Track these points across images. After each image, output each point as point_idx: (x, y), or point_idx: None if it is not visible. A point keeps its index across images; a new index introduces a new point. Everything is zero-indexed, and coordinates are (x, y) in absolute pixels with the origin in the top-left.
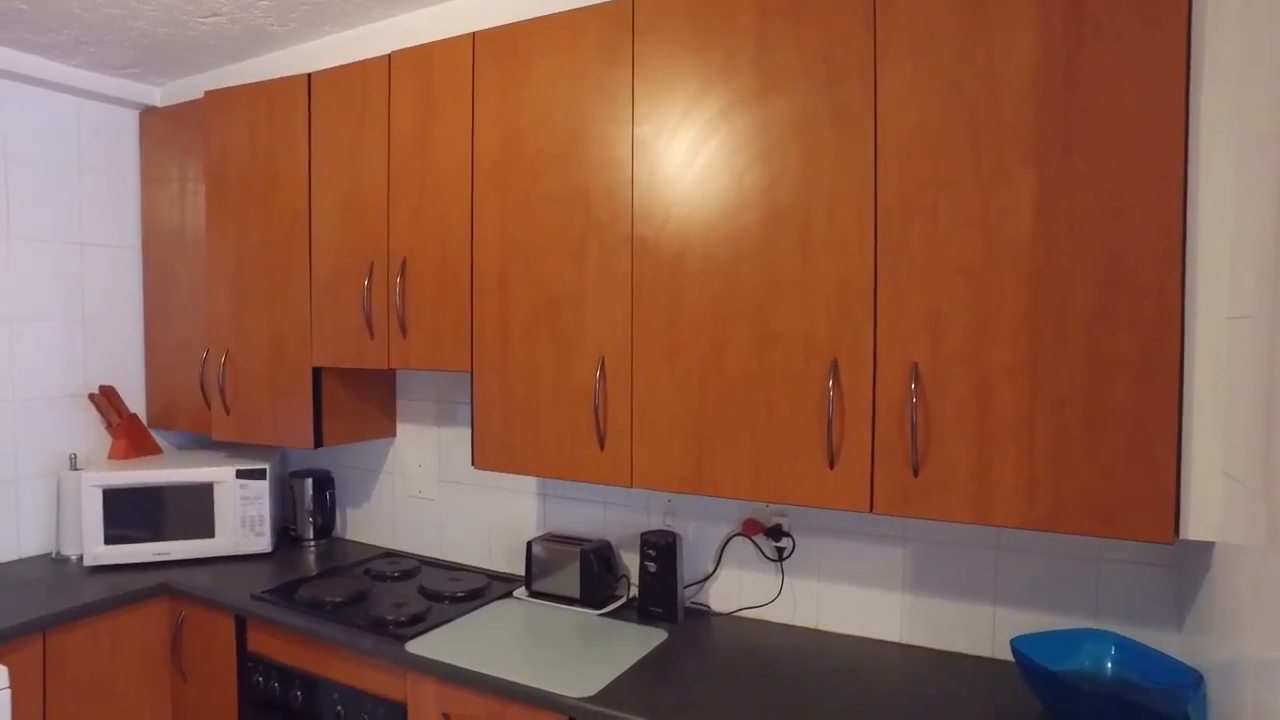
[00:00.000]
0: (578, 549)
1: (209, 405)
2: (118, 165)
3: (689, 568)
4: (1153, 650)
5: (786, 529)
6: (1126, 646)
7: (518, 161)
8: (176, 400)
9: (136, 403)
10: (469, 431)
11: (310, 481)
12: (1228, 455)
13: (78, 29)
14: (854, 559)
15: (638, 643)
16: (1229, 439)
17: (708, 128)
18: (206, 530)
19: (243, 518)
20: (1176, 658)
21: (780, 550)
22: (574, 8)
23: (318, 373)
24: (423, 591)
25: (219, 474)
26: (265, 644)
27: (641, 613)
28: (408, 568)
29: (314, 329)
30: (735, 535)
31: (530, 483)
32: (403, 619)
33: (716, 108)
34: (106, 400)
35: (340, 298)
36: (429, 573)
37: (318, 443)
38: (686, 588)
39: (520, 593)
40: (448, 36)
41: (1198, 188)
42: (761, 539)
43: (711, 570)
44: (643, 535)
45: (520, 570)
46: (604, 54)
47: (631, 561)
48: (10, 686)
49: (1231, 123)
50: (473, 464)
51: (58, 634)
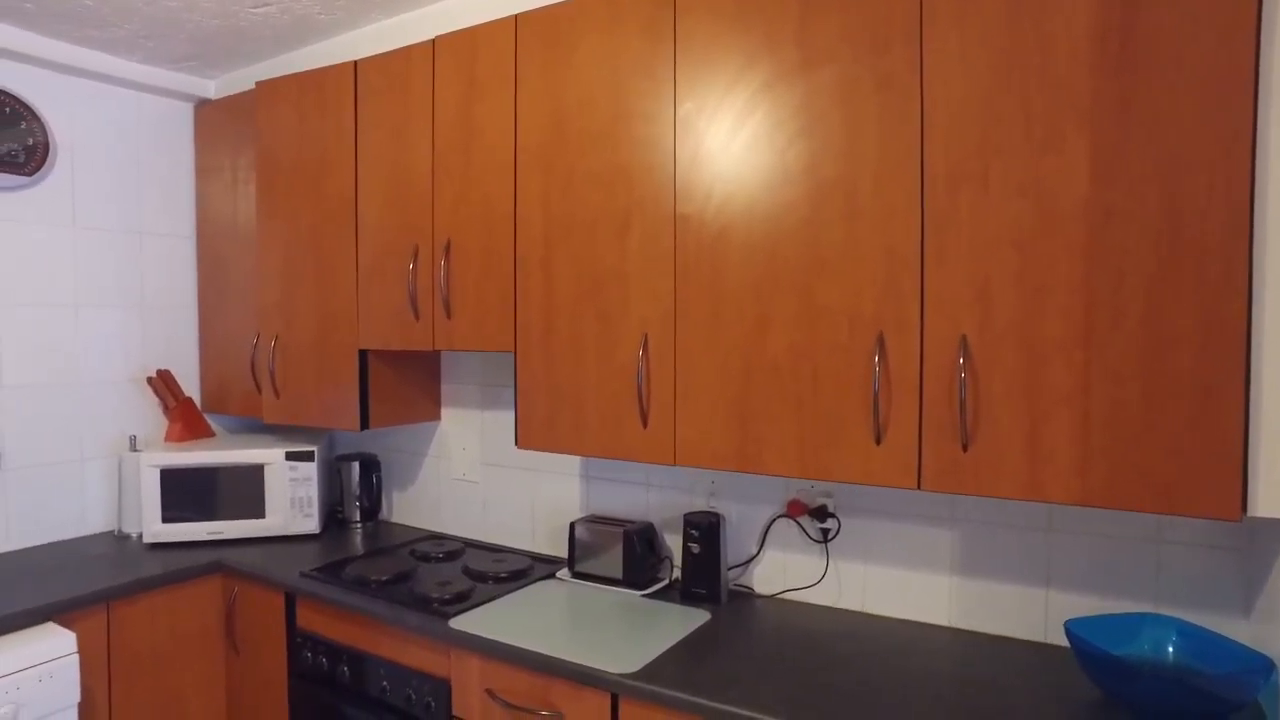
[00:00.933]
0: (620, 530)
1: (259, 389)
2: (174, 157)
3: (732, 550)
4: (1218, 636)
5: (832, 510)
6: (1190, 632)
7: (561, 141)
8: (229, 384)
9: (191, 387)
10: (512, 414)
11: (357, 464)
12: None
13: (137, 23)
14: (901, 541)
15: (680, 623)
16: None
17: (750, 103)
18: (257, 511)
19: (292, 499)
20: (1245, 644)
21: (825, 532)
22: None
23: (364, 356)
24: (467, 572)
25: (269, 456)
26: (313, 620)
27: (684, 594)
28: (452, 549)
29: (360, 312)
30: (779, 517)
31: (573, 465)
32: (447, 597)
33: (759, 83)
34: (163, 384)
35: (386, 281)
36: (473, 554)
37: (364, 424)
38: (730, 570)
39: (563, 573)
40: (490, 19)
41: (1268, 148)
42: (806, 520)
43: (755, 552)
44: (686, 516)
45: (563, 552)
46: (646, 32)
47: (674, 544)
48: (78, 652)
49: None
50: (516, 444)
51: (120, 606)
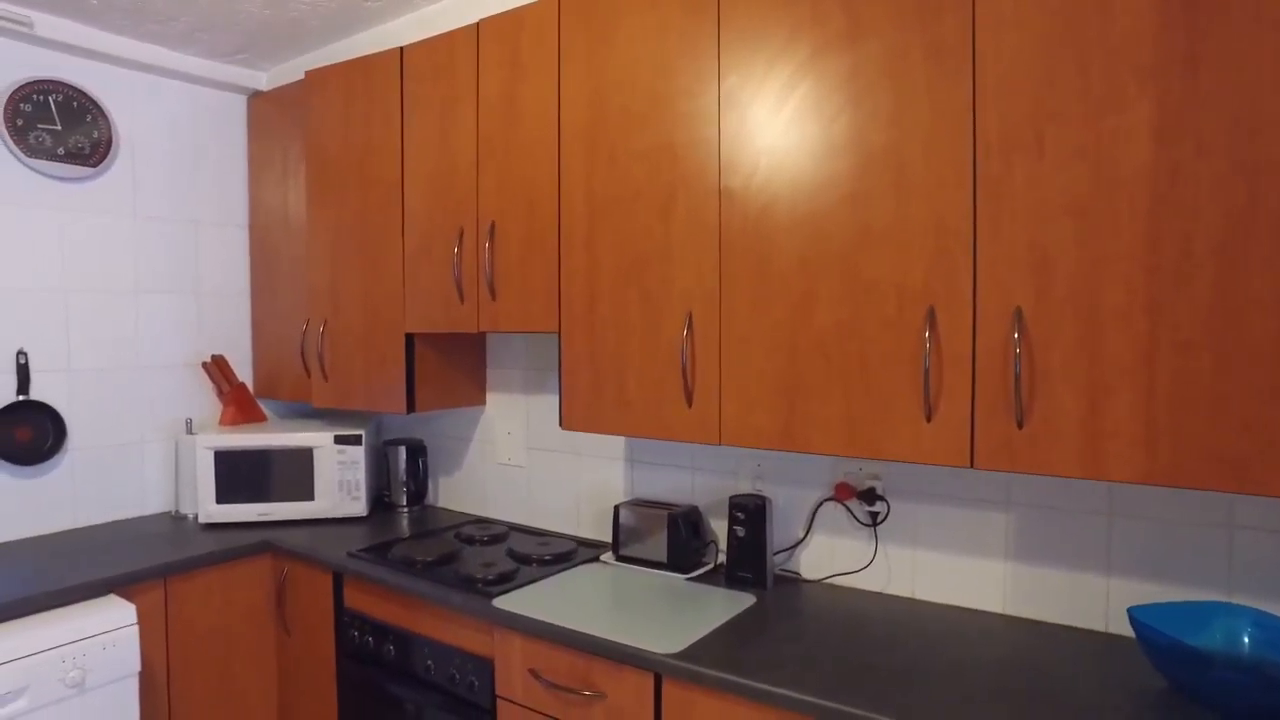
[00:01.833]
0: (665, 513)
1: (309, 374)
2: (228, 148)
3: (778, 534)
4: None
5: (880, 493)
6: (1268, 623)
7: (604, 119)
8: (280, 369)
9: (244, 373)
10: (557, 398)
11: (404, 449)
12: None
13: (193, 16)
14: (953, 525)
15: (725, 606)
16: None
17: (795, 75)
18: (306, 493)
19: (340, 482)
20: None
21: (874, 515)
22: None
23: (410, 340)
24: (511, 554)
25: (318, 439)
26: (360, 600)
27: (729, 578)
28: (496, 532)
29: (406, 296)
30: (827, 500)
31: (618, 449)
32: (491, 577)
33: (804, 54)
34: (218, 369)
35: (431, 264)
36: (517, 538)
37: (410, 407)
38: (776, 554)
39: (607, 557)
40: (534, 1)
41: None
42: (854, 504)
43: (802, 536)
44: (731, 498)
45: (608, 537)
46: (688, 8)
47: (720, 528)
48: (138, 623)
49: None
50: (560, 425)
51: (176, 581)
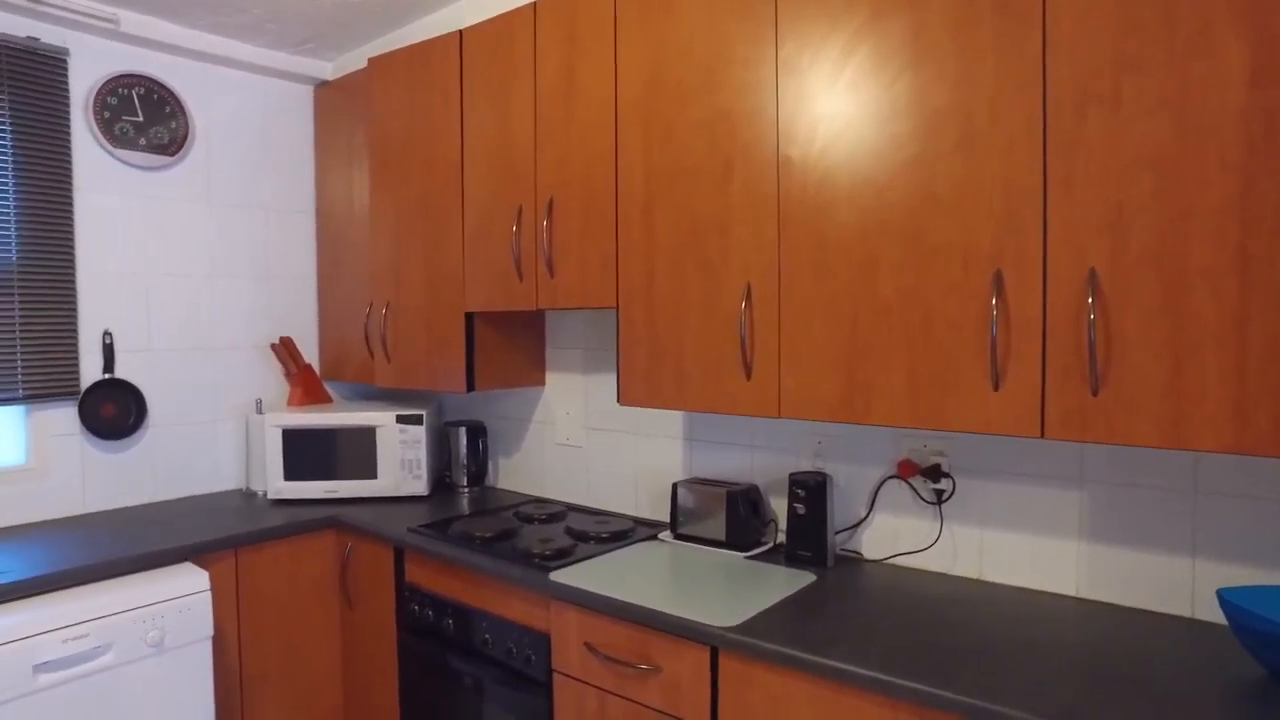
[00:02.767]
0: (724, 491)
1: (372, 355)
2: (295, 137)
3: (839, 513)
4: None
5: (946, 469)
6: None
7: (661, 92)
8: (345, 352)
9: (310, 356)
10: (615, 378)
11: (464, 430)
12: None
13: (263, 7)
14: (1023, 503)
15: (784, 583)
16: None
17: (854, 38)
18: (369, 471)
19: (402, 461)
20: None
21: (939, 493)
22: None
23: (470, 319)
24: (569, 531)
25: (381, 419)
26: (421, 575)
27: (789, 556)
28: (554, 511)
29: (466, 275)
30: (889, 478)
31: (676, 428)
32: (548, 553)
33: (863, 16)
34: (285, 350)
35: (491, 243)
36: (575, 516)
37: (470, 386)
38: (837, 533)
39: (665, 535)
40: None
41: None
42: (918, 481)
43: (864, 515)
44: (791, 475)
45: (666, 517)
46: None
47: (779, 507)
48: (211, 590)
49: None
50: (618, 400)
51: (246, 552)
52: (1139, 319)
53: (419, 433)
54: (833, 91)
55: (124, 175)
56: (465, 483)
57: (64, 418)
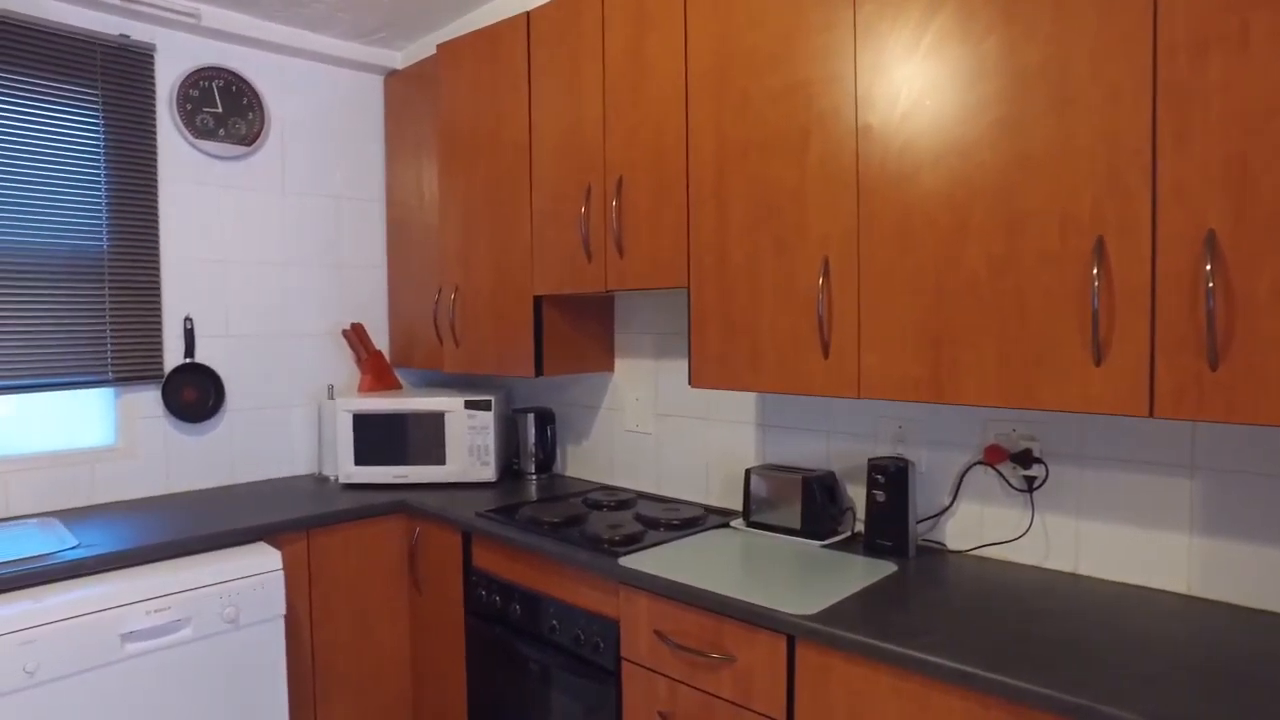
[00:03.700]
0: (799, 477)
1: (440, 341)
2: (366, 126)
3: (921, 501)
4: None
5: (1037, 454)
6: None
7: (733, 62)
8: (414, 338)
9: (380, 343)
10: (685, 363)
11: (532, 417)
12: None
13: None
14: (1125, 491)
15: (864, 573)
16: None
17: None
18: (438, 457)
19: (470, 447)
20: None
21: (1030, 480)
22: None
23: (539, 303)
24: (638, 518)
25: (449, 404)
26: (488, 560)
27: (868, 546)
28: (624, 498)
29: (534, 258)
30: (976, 464)
31: (748, 413)
32: (617, 538)
33: None
34: (356, 336)
35: (559, 224)
36: (645, 504)
37: (538, 371)
38: (919, 522)
39: (738, 523)
40: None
41: None
42: (1007, 467)
43: (948, 504)
44: (871, 460)
45: (738, 505)
46: None
47: (857, 495)
48: (283, 569)
49: None
50: (689, 383)
51: (318, 534)
52: (1270, 284)
53: (487, 419)
54: (915, 54)
55: (204, 165)
56: (533, 470)
57: (149, 401)
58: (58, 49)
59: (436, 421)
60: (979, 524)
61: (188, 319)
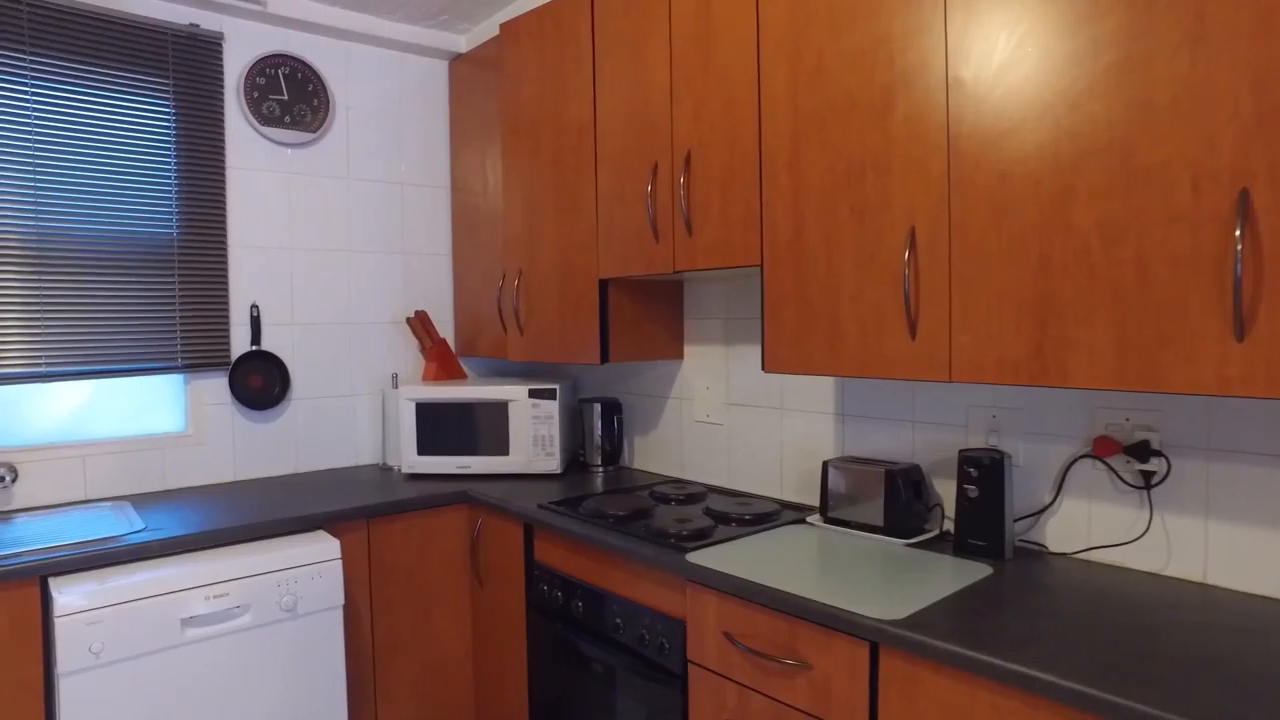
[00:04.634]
0: (882, 470)
1: (505, 329)
2: (430, 111)
3: (1019, 497)
4: None
5: (1156, 447)
6: None
7: (808, 21)
8: (479, 327)
9: (445, 332)
10: (758, 349)
11: (599, 407)
12: None
13: None
14: (1266, 489)
15: (955, 576)
16: None
17: None
18: (502, 448)
19: (534, 437)
20: None
21: (1147, 476)
22: None
23: (604, 287)
24: (708, 512)
25: (513, 393)
26: (550, 554)
27: (959, 545)
28: (693, 492)
29: (600, 240)
30: (1082, 457)
31: (826, 402)
32: (685, 533)
33: None
34: (420, 324)
35: (625, 203)
36: (715, 498)
37: (604, 358)
38: (1016, 520)
39: (814, 519)
40: None
41: None
42: (1120, 461)
43: (1049, 501)
44: (962, 452)
45: (815, 500)
46: None
47: (945, 490)
48: (341, 558)
49: None
50: (763, 367)
51: (378, 523)
52: None
53: (552, 408)
54: None
55: (270, 152)
56: (599, 462)
57: (216, 388)
58: (132, 40)
59: (500, 411)
60: (1085, 524)
61: (254, 306)
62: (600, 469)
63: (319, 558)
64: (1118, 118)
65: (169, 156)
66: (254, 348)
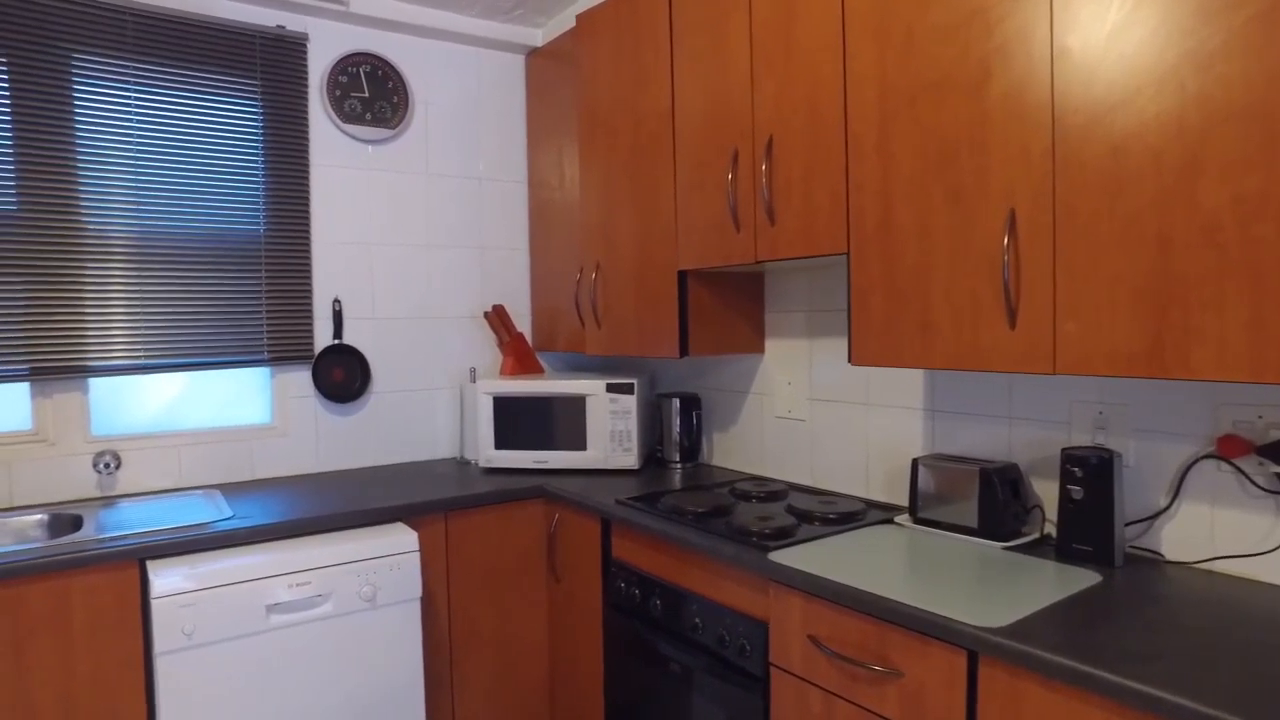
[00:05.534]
0: (976, 469)
1: (583, 323)
2: (508, 106)
3: (1129, 500)
4: None
5: None
6: None
7: None
8: (556, 321)
9: (523, 327)
10: (843, 342)
11: (677, 402)
12: None
13: None
14: None
15: (1058, 583)
16: None
17: None
18: (579, 442)
19: (611, 432)
20: None
21: None
22: None
23: (683, 279)
24: (790, 511)
25: (591, 387)
26: (628, 551)
27: (1061, 550)
28: (775, 489)
29: (679, 231)
30: (1204, 457)
31: (915, 397)
32: (767, 531)
33: None
34: (498, 318)
35: (705, 192)
36: (797, 496)
37: (683, 351)
38: (1127, 525)
39: (903, 519)
40: None
41: None
42: (1250, 463)
43: (1165, 505)
44: (1065, 451)
45: (903, 500)
46: None
47: (1045, 491)
48: (419, 550)
49: None
50: (849, 360)
51: (456, 516)
52: None
53: (629, 403)
54: None
55: (351, 149)
56: (678, 458)
57: (300, 381)
58: (222, 43)
59: (577, 405)
60: (1208, 531)
61: (336, 300)
62: (678, 465)
63: (397, 549)
64: (1257, 80)
65: (257, 155)
66: (336, 341)
